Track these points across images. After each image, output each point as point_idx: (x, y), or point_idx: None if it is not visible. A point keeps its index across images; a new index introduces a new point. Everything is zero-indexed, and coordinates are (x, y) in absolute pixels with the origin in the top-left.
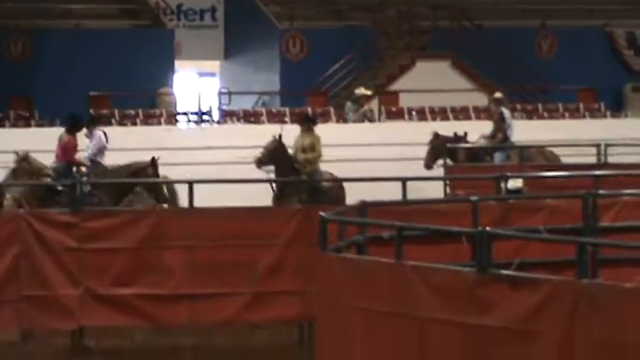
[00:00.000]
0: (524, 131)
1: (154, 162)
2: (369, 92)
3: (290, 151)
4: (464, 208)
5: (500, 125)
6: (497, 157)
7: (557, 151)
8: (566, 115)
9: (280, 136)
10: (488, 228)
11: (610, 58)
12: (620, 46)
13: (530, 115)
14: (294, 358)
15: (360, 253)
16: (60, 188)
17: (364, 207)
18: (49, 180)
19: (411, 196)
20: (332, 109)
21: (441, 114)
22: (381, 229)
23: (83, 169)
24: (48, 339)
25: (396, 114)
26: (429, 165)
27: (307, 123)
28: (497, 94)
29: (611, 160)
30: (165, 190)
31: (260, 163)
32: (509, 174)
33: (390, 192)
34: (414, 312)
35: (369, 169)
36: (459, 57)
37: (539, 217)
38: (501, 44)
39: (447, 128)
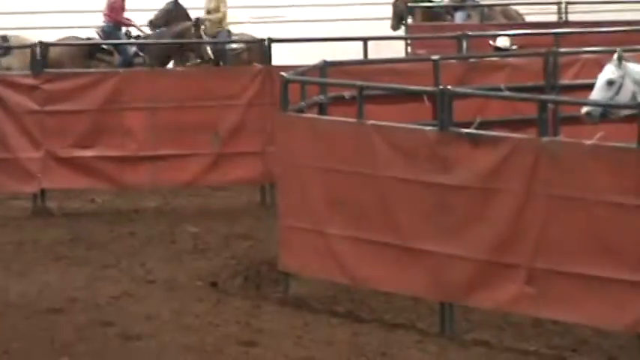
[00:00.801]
0: None
1: (197, 22)
2: None
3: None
4: (425, 67)
5: None
6: (459, 16)
7: (518, 9)
8: None
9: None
10: (449, 87)
11: None
12: None
13: None
14: (256, 218)
15: (322, 113)
16: (106, 47)
17: (325, 67)
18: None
19: (372, 56)
20: None
21: None
22: (343, 89)
23: (132, 29)
24: (9, 202)
25: None
26: (394, 27)
27: None
28: None
29: (571, 18)
30: (208, 49)
31: (152, 25)
32: (469, 33)
33: (353, 52)
34: (376, 171)
35: (332, 30)
36: None
37: (500, 76)
38: None
39: None
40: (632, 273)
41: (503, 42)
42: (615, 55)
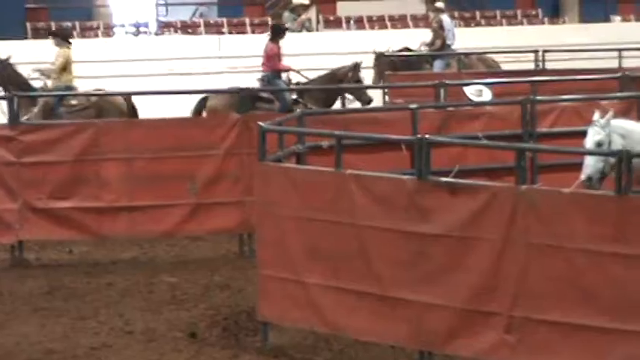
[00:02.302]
0: (462, 39)
1: (356, 67)
2: (306, 1)
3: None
4: (403, 116)
5: (439, 33)
6: (437, 65)
7: (495, 58)
8: (504, 22)
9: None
10: (427, 135)
11: None
12: None
13: (468, 22)
14: (234, 268)
15: (300, 163)
16: (265, 96)
17: (303, 116)
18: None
19: (350, 105)
20: (270, 19)
21: (379, 22)
22: (321, 138)
23: (293, 75)
24: None
25: (334, 23)
26: (376, 82)
27: (55, 38)
28: (439, 3)
29: (548, 66)
30: (367, 93)
31: None
32: (447, 81)
33: None
34: (354, 220)
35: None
36: None
37: (478, 124)
38: None
39: (386, 37)
40: (611, 321)
41: (477, 91)
42: (595, 116)
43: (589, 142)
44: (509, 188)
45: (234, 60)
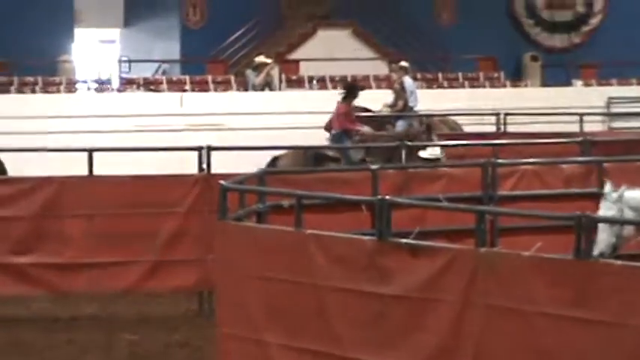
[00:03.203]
0: (425, 100)
1: (429, 128)
2: (268, 60)
3: None
4: (364, 176)
5: (401, 94)
6: (400, 126)
7: (457, 120)
8: (466, 84)
9: None
10: (387, 196)
11: (510, 27)
12: (520, 15)
13: (431, 84)
14: (194, 326)
15: (260, 222)
16: (332, 155)
17: (264, 175)
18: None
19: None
20: (233, 78)
21: (341, 83)
22: (282, 198)
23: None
24: None
25: (296, 82)
26: None
27: None
28: (403, 63)
29: (510, 129)
30: (437, 150)
31: None
32: (409, 143)
33: None
34: (314, 280)
35: (271, 138)
36: (360, 26)
37: (439, 186)
38: (402, 13)
39: None
40: None
41: (432, 152)
42: (607, 189)
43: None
44: (469, 251)
45: (195, 117)
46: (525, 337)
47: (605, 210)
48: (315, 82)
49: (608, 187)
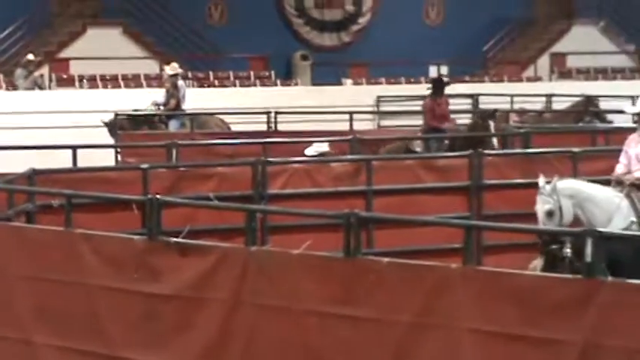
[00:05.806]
0: (196, 100)
1: (488, 116)
2: (31, 57)
3: None
4: (135, 175)
5: (174, 93)
6: (173, 125)
7: (228, 119)
8: (237, 83)
9: None
10: (158, 196)
11: (280, 26)
12: (290, 14)
13: (202, 83)
14: None
15: (30, 222)
16: (417, 149)
17: (33, 175)
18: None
19: (82, 164)
20: (2, 76)
21: (112, 82)
22: (51, 197)
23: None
24: None
25: (67, 81)
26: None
27: None
28: (175, 71)
29: (280, 127)
30: (495, 141)
31: None
32: (180, 142)
33: (62, 160)
34: (85, 280)
35: (41, 137)
36: (131, 25)
37: (209, 185)
38: (173, 12)
39: (119, 96)
40: None
41: (318, 149)
42: (540, 183)
43: (540, 213)
44: (239, 249)
45: None
46: (294, 335)
47: (542, 204)
48: (85, 81)
49: (541, 182)
